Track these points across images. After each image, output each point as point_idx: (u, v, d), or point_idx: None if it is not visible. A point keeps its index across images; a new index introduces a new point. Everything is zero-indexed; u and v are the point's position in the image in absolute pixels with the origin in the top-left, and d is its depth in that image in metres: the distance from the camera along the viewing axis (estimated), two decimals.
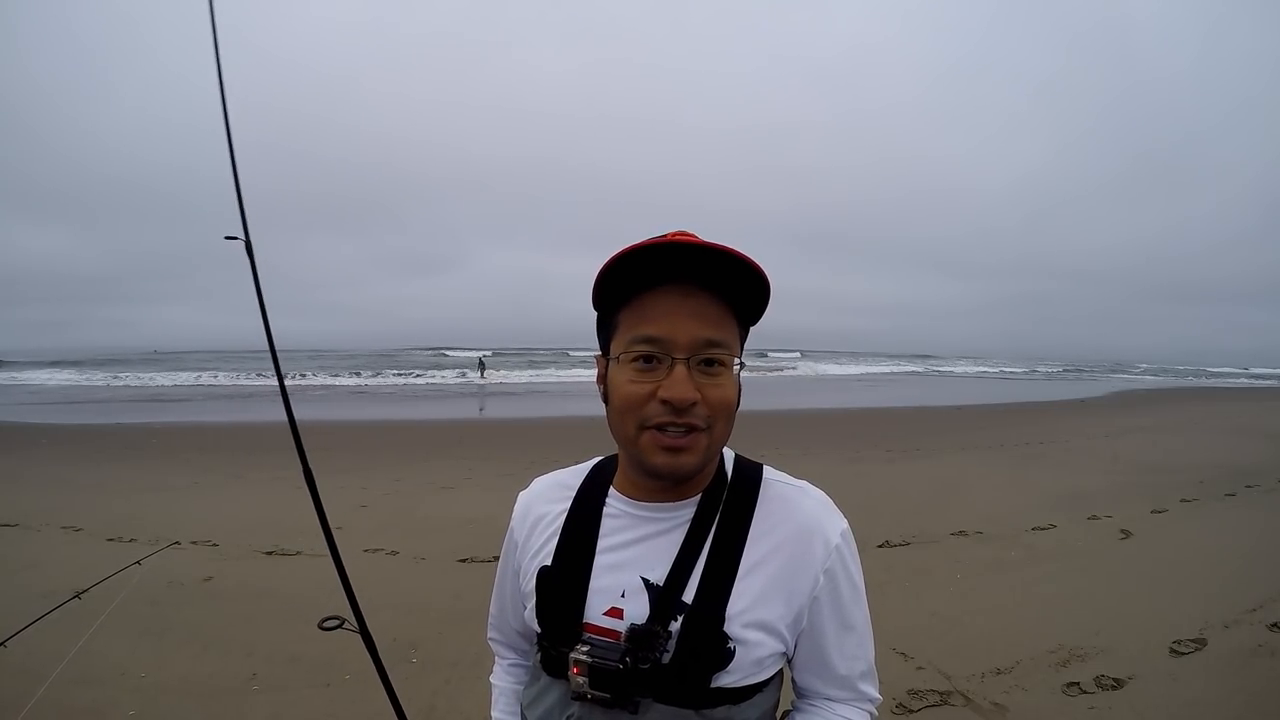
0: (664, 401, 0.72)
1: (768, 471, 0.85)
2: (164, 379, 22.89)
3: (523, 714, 0.88)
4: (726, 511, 0.81)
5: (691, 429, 0.73)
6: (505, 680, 0.98)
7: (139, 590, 2.52)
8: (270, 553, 3.78)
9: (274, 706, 2.19)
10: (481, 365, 24.62)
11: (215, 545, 3.88)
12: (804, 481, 0.85)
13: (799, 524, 0.80)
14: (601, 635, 0.77)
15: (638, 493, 0.82)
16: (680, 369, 0.72)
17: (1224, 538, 4.02)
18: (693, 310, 0.72)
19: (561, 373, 25.41)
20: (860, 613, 0.84)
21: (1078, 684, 2.26)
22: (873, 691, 0.87)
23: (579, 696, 0.76)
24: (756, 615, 0.76)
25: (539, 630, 0.83)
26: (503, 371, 26.47)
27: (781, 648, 0.79)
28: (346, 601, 1.41)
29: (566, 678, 0.77)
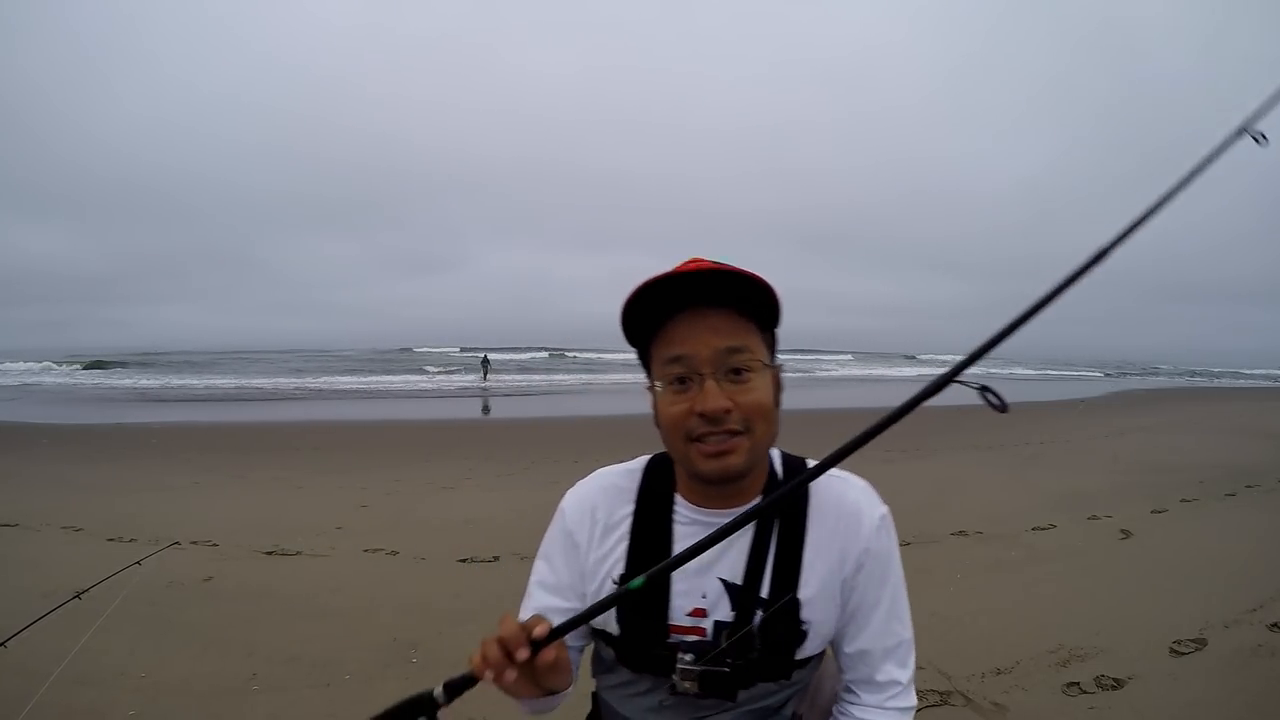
0: (700, 415, 0.79)
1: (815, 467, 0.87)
2: (163, 380, 22.88)
3: (601, 697, 1.02)
4: (790, 509, 0.88)
5: (732, 434, 0.80)
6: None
7: (139, 590, 2.52)
8: (270, 553, 3.78)
9: (274, 706, 2.19)
10: (485, 364, 24.19)
11: (215, 545, 3.88)
12: (847, 472, 0.91)
13: (845, 511, 0.89)
14: (686, 634, 0.85)
15: (702, 500, 0.89)
16: (710, 383, 0.79)
17: (1224, 538, 4.02)
18: (710, 326, 0.79)
19: (560, 377, 25.31)
20: (892, 591, 0.90)
21: (1078, 684, 2.26)
22: (903, 676, 0.90)
23: (682, 683, 0.84)
24: (821, 598, 0.86)
25: (617, 633, 0.89)
26: (501, 375, 26.47)
27: (837, 619, 0.88)
28: (346, 602, 1.42)
29: (661, 673, 0.86)
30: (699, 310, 0.80)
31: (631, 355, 0.89)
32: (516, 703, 0.89)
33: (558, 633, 0.73)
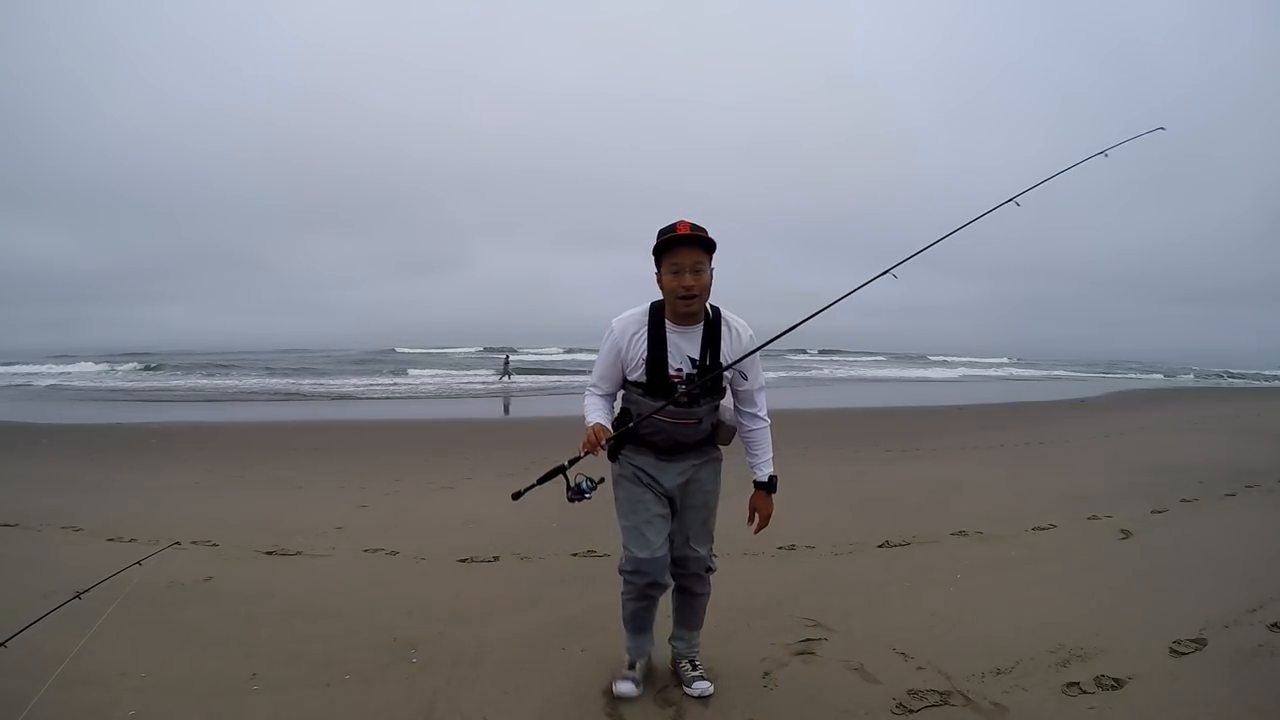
0: (684, 286, 1.98)
1: (724, 311, 2.11)
2: (163, 379, 22.87)
3: (629, 408, 2.15)
4: (714, 329, 2.08)
5: (693, 296, 1.99)
6: (600, 401, 2.16)
7: (139, 590, 2.52)
8: (270, 553, 3.78)
9: (274, 706, 2.19)
10: (506, 363, 23.95)
11: (215, 545, 3.88)
12: (741, 318, 2.13)
13: (736, 329, 2.10)
14: (675, 379, 2.05)
15: (678, 321, 2.06)
16: (687, 275, 1.98)
17: (1224, 538, 4.02)
18: (687, 251, 1.98)
19: (564, 378, 25.15)
20: (758, 365, 2.14)
21: (1078, 684, 2.26)
22: (762, 409, 2.20)
23: (676, 402, 2.02)
24: (729, 364, 2.06)
25: (643, 380, 2.08)
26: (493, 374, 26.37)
27: (734, 376, 2.12)
28: (346, 602, 1.42)
29: (669, 394, 2.03)
30: (685, 246, 1.98)
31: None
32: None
33: (616, 436, 2.08)
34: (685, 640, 2.32)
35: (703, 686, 2.21)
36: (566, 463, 2.01)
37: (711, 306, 2.09)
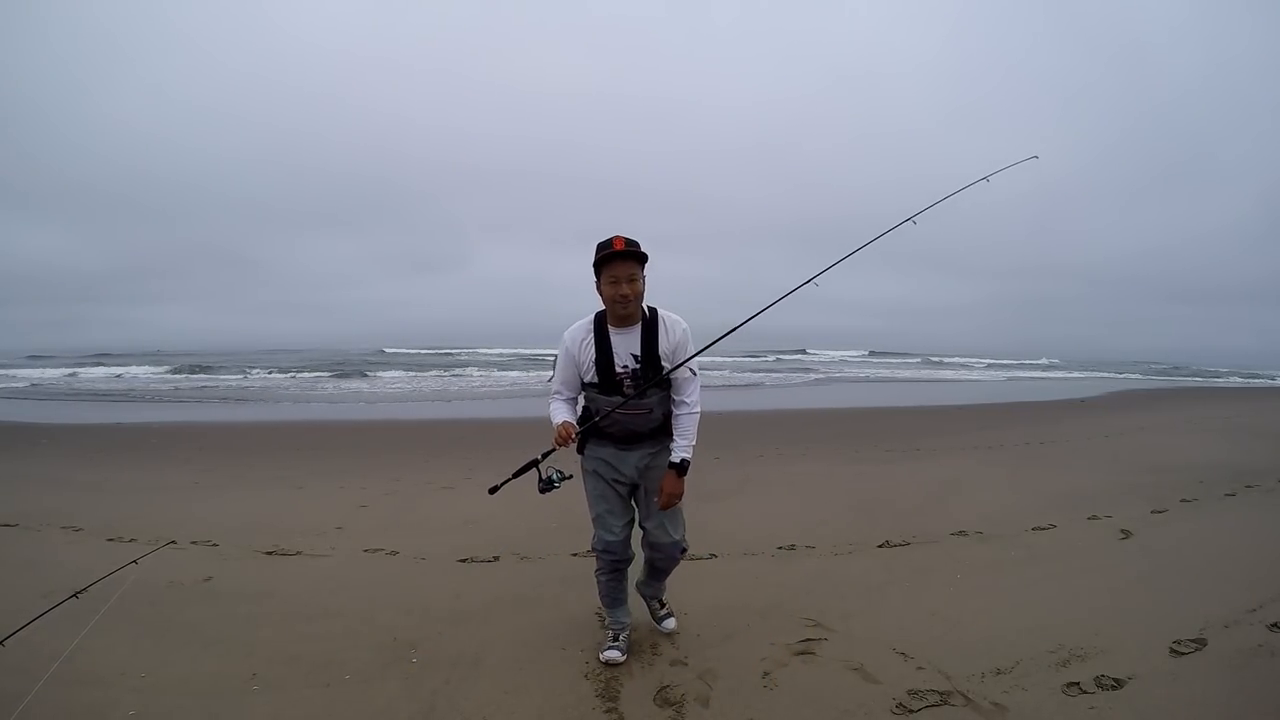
0: (620, 295, 2.27)
1: (660, 310, 2.37)
2: (165, 380, 22.87)
3: (588, 405, 2.45)
4: (651, 327, 2.35)
5: (628, 300, 2.28)
6: (563, 405, 2.45)
7: (139, 590, 2.52)
8: (270, 553, 3.78)
9: (274, 706, 2.19)
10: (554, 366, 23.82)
11: (215, 545, 3.88)
12: (675, 314, 2.40)
13: (670, 326, 2.37)
14: (620, 376, 2.36)
15: (618, 324, 2.35)
16: (623, 284, 2.27)
17: (1224, 538, 4.02)
18: (622, 264, 2.26)
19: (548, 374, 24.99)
20: (691, 365, 2.37)
21: (1078, 684, 2.26)
22: (690, 397, 2.41)
23: (625, 395, 2.35)
24: (665, 358, 2.36)
25: (596, 381, 2.37)
26: (505, 374, 26.39)
27: (670, 368, 2.37)
28: (346, 602, 1.42)
29: (618, 390, 2.36)
30: (620, 259, 2.25)
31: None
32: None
33: (582, 431, 2.40)
34: (652, 587, 2.74)
35: (670, 624, 2.70)
36: (540, 456, 2.33)
37: (649, 307, 2.37)
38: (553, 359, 2.50)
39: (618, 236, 2.26)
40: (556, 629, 2.75)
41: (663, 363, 2.34)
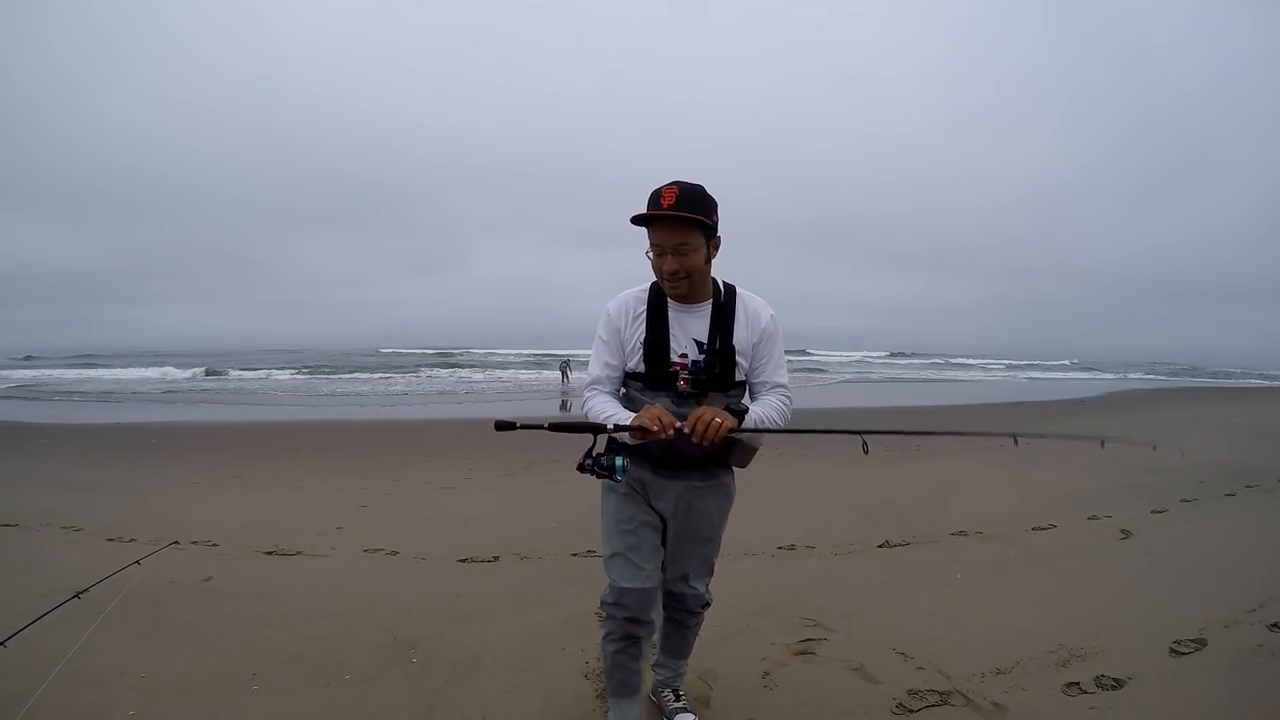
0: (667, 271, 1.67)
1: (739, 289, 1.80)
2: (165, 380, 22.87)
3: (631, 396, 1.79)
4: (726, 309, 1.77)
5: (676, 280, 1.68)
6: (605, 396, 1.78)
7: (139, 590, 2.52)
8: (270, 553, 3.78)
9: (274, 706, 2.19)
10: (565, 368, 23.93)
11: (215, 545, 3.88)
12: (758, 296, 1.81)
13: (752, 311, 1.78)
14: (678, 367, 1.72)
15: (681, 302, 1.75)
16: (668, 258, 1.66)
17: (1224, 538, 4.02)
18: (667, 230, 1.64)
19: (579, 374, 25.02)
20: (778, 355, 1.82)
21: (1078, 684, 2.26)
22: (783, 383, 1.83)
23: (680, 394, 1.71)
24: (741, 350, 1.76)
25: (642, 370, 1.75)
26: (503, 374, 26.42)
27: (750, 362, 1.79)
28: (346, 602, 1.42)
29: (669, 385, 1.72)
30: (664, 222, 1.64)
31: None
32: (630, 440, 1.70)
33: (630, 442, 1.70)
34: (670, 669, 2.10)
35: (686, 719, 2.02)
36: (612, 425, 1.63)
37: (725, 283, 1.79)
38: (563, 360, 2.20)
39: (670, 186, 1.62)
40: (556, 629, 2.74)
41: (738, 359, 1.74)
